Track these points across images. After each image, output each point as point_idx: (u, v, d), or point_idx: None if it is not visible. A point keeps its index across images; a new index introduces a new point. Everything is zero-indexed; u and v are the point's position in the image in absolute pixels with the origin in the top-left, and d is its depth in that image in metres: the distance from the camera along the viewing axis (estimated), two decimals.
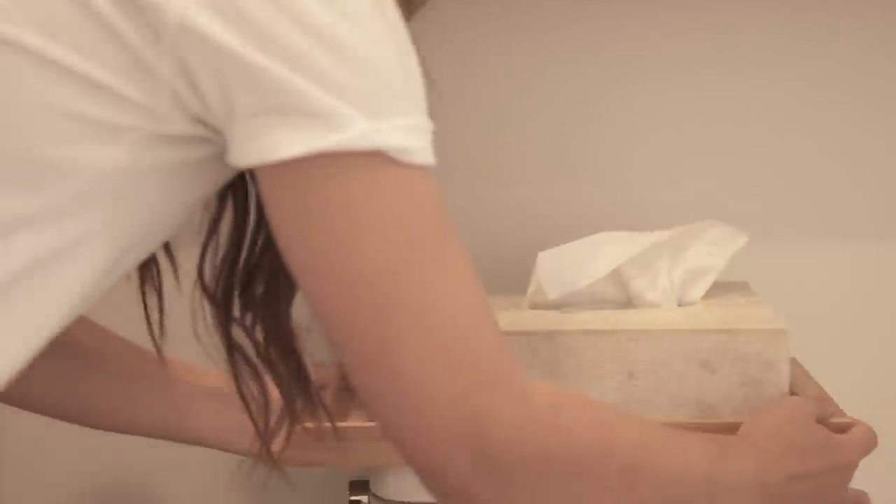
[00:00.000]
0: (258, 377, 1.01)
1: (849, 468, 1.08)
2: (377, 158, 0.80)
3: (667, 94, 1.52)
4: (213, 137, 0.83)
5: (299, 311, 0.98)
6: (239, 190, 0.97)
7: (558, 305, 1.29)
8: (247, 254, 0.98)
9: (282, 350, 1.00)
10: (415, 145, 0.81)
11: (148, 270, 1.04)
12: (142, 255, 0.91)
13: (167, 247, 1.04)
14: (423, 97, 0.83)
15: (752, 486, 0.99)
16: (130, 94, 0.80)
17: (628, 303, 1.32)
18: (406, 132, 0.81)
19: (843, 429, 1.11)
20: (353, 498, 1.30)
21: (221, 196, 0.98)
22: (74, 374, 1.16)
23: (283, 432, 1.06)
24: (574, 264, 1.27)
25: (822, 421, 1.11)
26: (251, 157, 0.80)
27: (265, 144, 0.79)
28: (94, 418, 1.20)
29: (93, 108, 0.80)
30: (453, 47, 1.50)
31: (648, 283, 1.31)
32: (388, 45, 0.81)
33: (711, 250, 1.34)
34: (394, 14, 0.82)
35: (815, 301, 1.54)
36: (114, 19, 0.79)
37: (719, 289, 1.36)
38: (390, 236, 0.81)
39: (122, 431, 1.22)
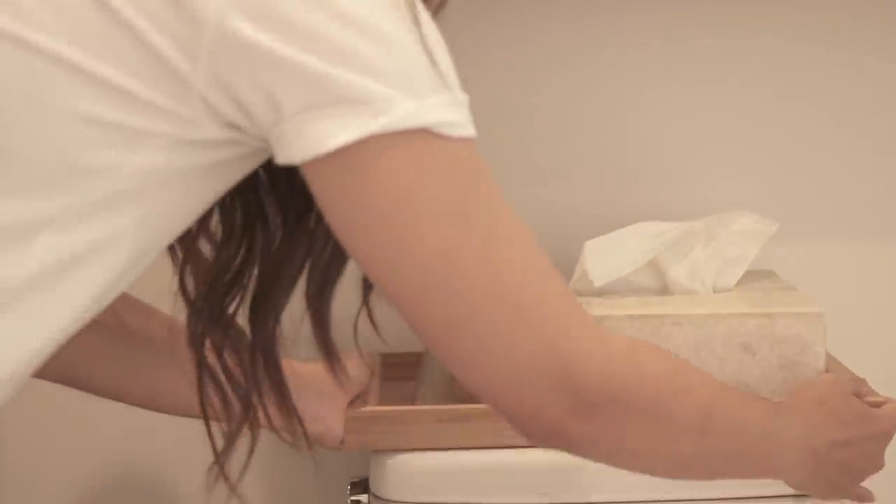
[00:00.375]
0: (224, 396, 1.02)
1: (885, 438, 1.13)
2: (424, 136, 0.81)
3: (695, 92, 1.55)
4: (242, 139, 0.84)
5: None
6: (228, 199, 0.97)
7: (599, 293, 1.34)
8: (234, 267, 0.99)
9: (266, 359, 1.01)
10: (457, 119, 0.83)
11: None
12: (156, 253, 0.91)
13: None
14: (455, 73, 0.84)
15: (802, 448, 1.04)
16: (158, 101, 0.80)
17: (664, 290, 1.36)
18: (447, 107, 0.82)
19: (876, 406, 1.15)
20: (353, 498, 1.31)
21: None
22: (107, 351, 1.14)
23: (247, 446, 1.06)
24: (618, 253, 1.32)
25: (857, 397, 1.16)
26: (302, 153, 0.81)
27: (315, 138, 0.80)
28: (126, 394, 1.17)
29: (117, 113, 0.80)
30: (482, 49, 1.52)
31: (685, 272, 1.35)
32: (412, 28, 0.82)
33: (743, 238, 1.38)
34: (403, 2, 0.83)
35: (835, 292, 1.56)
36: (145, 30, 0.79)
37: (748, 276, 1.40)
38: (448, 213, 0.83)
39: (155, 409, 1.19)
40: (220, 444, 1.05)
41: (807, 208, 1.57)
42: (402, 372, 1.44)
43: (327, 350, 0.99)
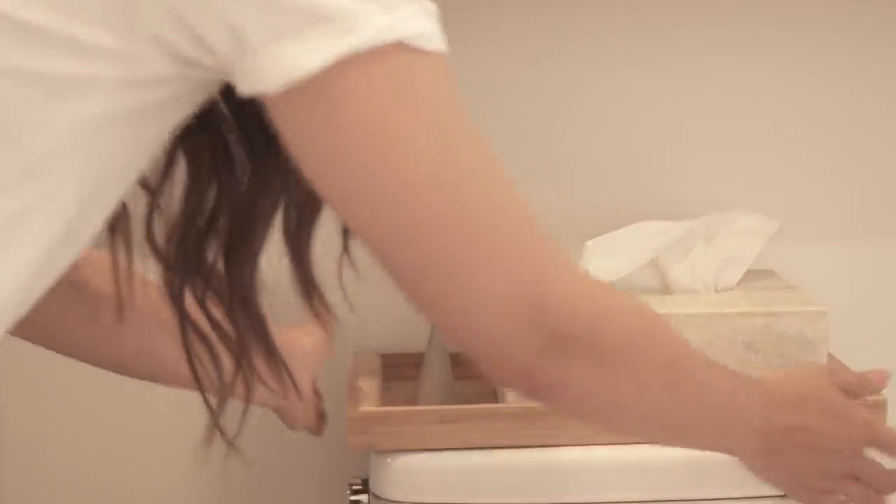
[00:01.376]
0: (211, 349, 0.98)
1: (854, 443, 1.05)
2: (399, 51, 0.76)
3: (695, 91, 1.55)
4: (192, 73, 0.79)
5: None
6: (191, 144, 0.92)
7: None
8: (206, 212, 0.94)
9: (246, 308, 0.97)
10: (431, 29, 0.78)
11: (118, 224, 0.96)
12: (110, 203, 0.85)
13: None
14: None
15: (754, 428, 1.00)
16: (99, 41, 0.76)
17: (665, 289, 1.36)
18: (421, 17, 0.78)
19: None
20: (353, 498, 1.31)
21: (169, 153, 0.92)
22: (77, 315, 1.07)
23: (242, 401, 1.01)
24: (619, 253, 1.32)
25: (852, 396, 1.12)
26: (271, 84, 0.76)
27: (282, 67, 0.75)
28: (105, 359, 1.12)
29: (49, 61, 0.76)
30: (480, 49, 1.51)
31: (686, 271, 1.35)
32: None
33: (744, 238, 1.39)
34: None
35: (835, 291, 1.54)
36: None
37: (749, 276, 1.40)
38: (426, 141, 0.79)
39: (156, 381, 1.14)
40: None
41: (807, 208, 1.57)
42: (403, 372, 1.44)
43: (308, 290, 0.95)
